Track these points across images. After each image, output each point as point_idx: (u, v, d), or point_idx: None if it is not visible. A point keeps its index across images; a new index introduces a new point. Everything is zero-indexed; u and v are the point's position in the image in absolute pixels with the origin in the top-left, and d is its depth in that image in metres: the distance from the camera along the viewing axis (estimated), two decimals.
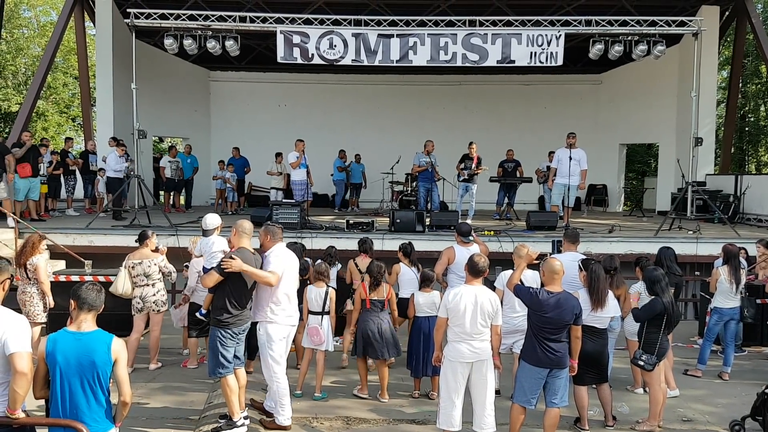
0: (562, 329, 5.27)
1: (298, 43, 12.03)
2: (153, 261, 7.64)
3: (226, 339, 5.59)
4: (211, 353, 5.67)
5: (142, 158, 12.97)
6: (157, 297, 7.65)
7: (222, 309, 5.57)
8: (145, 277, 7.57)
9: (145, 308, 7.60)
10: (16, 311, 3.88)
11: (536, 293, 5.33)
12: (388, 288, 6.85)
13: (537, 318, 5.30)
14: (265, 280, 5.54)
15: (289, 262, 5.89)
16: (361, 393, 6.85)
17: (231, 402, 5.64)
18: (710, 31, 14.99)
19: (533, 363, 5.31)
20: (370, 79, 19.51)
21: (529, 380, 5.34)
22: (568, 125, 15.31)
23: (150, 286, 7.61)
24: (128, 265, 7.57)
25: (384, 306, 6.80)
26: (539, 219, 11.84)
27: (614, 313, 6.04)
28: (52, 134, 29.88)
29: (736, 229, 11.81)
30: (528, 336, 5.44)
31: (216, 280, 5.51)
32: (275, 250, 5.81)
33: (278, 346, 5.81)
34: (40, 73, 15.87)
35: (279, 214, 11.24)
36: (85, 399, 3.69)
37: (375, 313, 6.74)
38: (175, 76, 19.02)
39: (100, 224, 11.67)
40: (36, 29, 30.93)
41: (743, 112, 27.64)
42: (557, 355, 5.26)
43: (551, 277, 5.34)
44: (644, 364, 5.90)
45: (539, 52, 12.03)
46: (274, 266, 5.65)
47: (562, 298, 5.26)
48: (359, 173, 17.40)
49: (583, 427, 6.03)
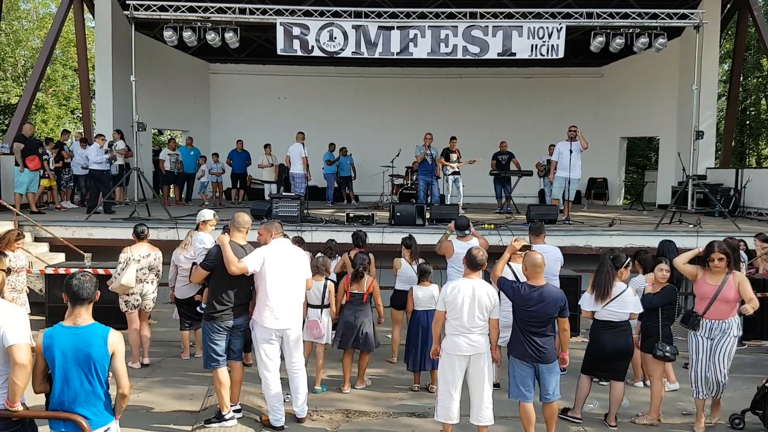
0: (546, 323, 5.23)
1: (298, 35, 11.97)
2: (157, 254, 7.57)
3: (213, 332, 5.60)
4: (203, 346, 5.78)
5: (141, 151, 12.95)
6: (155, 294, 7.64)
7: (209, 303, 5.65)
8: (148, 270, 7.46)
9: (142, 305, 7.47)
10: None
11: (519, 287, 5.29)
12: (370, 281, 6.84)
13: (521, 312, 5.28)
14: (228, 263, 5.39)
15: (279, 260, 5.65)
16: (343, 389, 6.83)
17: (220, 395, 5.68)
18: (712, 24, 14.92)
19: (519, 357, 5.30)
20: (371, 72, 19.47)
21: (518, 374, 5.33)
22: (569, 118, 15.26)
23: (149, 282, 7.52)
24: (134, 258, 7.32)
25: (364, 299, 6.79)
26: (539, 212, 11.82)
27: (633, 309, 5.87)
28: (51, 126, 29.86)
29: (737, 223, 11.80)
30: (514, 330, 5.41)
31: (202, 275, 5.58)
32: (268, 245, 5.74)
33: (266, 347, 5.68)
34: (40, 65, 15.84)
35: (279, 208, 11.21)
36: (84, 392, 3.69)
37: (353, 306, 6.76)
38: (175, 68, 18.98)
39: (100, 217, 11.65)
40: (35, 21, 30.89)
41: (744, 106, 27.62)
42: (542, 350, 5.20)
43: (533, 270, 5.28)
44: (670, 354, 5.95)
45: (540, 45, 11.97)
46: (248, 257, 5.53)
47: (545, 291, 5.21)
48: (347, 166, 17.55)
49: (574, 417, 6.03)
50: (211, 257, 5.60)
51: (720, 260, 5.72)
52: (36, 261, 9.88)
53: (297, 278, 5.80)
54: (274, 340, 5.71)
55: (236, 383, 5.88)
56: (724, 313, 5.75)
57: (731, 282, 5.72)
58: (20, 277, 7.38)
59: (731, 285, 5.71)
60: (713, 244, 5.84)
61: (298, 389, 5.91)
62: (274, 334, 5.68)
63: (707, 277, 5.83)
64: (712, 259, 5.73)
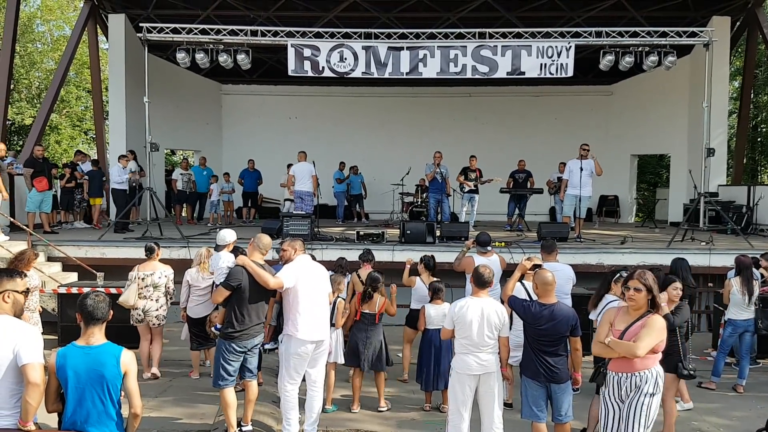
0: (558, 342, 5.17)
1: (309, 56, 12.11)
2: (163, 272, 7.78)
3: (228, 352, 5.62)
4: (215, 364, 5.78)
5: (154, 171, 13.07)
6: (159, 312, 7.76)
7: (228, 322, 5.66)
8: (152, 288, 7.66)
9: (146, 320, 7.71)
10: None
11: (529, 306, 5.25)
12: (382, 301, 6.84)
13: (532, 331, 5.22)
14: (264, 279, 5.50)
15: (309, 275, 5.77)
16: (353, 408, 6.81)
17: (227, 415, 5.69)
18: (721, 42, 14.95)
19: (531, 376, 5.24)
20: (381, 92, 19.63)
21: (531, 394, 5.27)
22: (579, 136, 15.29)
23: (154, 300, 7.69)
24: (138, 276, 7.67)
25: (376, 320, 6.79)
26: (550, 230, 11.78)
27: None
28: (65, 147, 30.17)
29: (750, 240, 11.72)
30: (525, 349, 5.36)
31: (224, 295, 5.57)
32: (295, 261, 5.83)
33: (294, 360, 5.72)
34: (54, 86, 16.07)
35: (289, 226, 11.26)
36: (96, 412, 3.70)
37: (364, 325, 6.76)
38: (187, 89, 19.19)
39: (112, 237, 11.74)
40: (49, 43, 31.30)
41: (755, 123, 27.51)
42: (554, 369, 5.13)
43: (544, 289, 5.23)
44: (693, 373, 5.89)
45: (549, 64, 12.02)
46: (283, 273, 5.65)
47: (556, 310, 5.15)
48: (358, 184, 17.64)
49: None
50: (234, 278, 5.59)
51: (637, 291, 4.49)
52: (49, 280, 9.94)
53: (324, 292, 5.93)
54: (306, 354, 5.73)
55: (250, 403, 5.88)
56: (635, 363, 4.46)
57: (639, 325, 4.47)
58: (34, 297, 7.41)
59: (639, 328, 4.46)
60: (634, 273, 4.64)
61: (313, 407, 5.90)
62: (310, 347, 5.72)
63: (623, 317, 4.59)
64: (628, 288, 4.55)
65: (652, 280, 4.52)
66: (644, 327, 4.41)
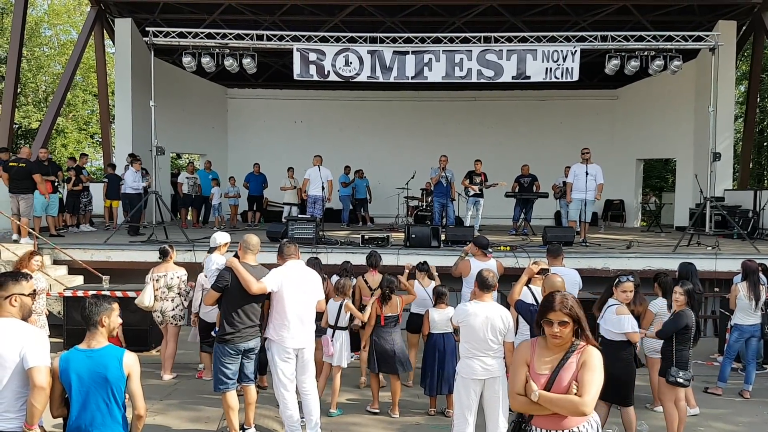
0: None
1: (315, 60, 12.14)
2: (176, 273, 7.96)
3: (224, 355, 5.62)
4: (213, 369, 5.82)
5: (160, 174, 13.11)
6: (175, 312, 7.93)
7: (221, 325, 5.67)
8: (167, 289, 7.85)
9: (165, 321, 7.91)
10: None
11: (536, 310, 5.24)
12: (400, 300, 6.88)
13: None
14: (247, 282, 5.45)
15: (295, 280, 5.71)
16: (372, 408, 6.85)
17: (229, 419, 5.72)
18: (727, 46, 14.91)
19: None
20: (386, 95, 19.64)
21: None
22: (584, 140, 15.27)
23: (169, 300, 7.87)
24: (153, 278, 7.86)
25: (398, 321, 6.82)
26: (556, 234, 11.76)
27: (612, 328, 5.68)
28: (71, 151, 30.29)
29: (756, 245, 11.67)
30: None
31: (213, 296, 5.60)
32: (283, 265, 5.80)
33: (283, 366, 5.70)
34: (60, 90, 16.16)
35: (294, 230, 11.27)
36: (101, 415, 3.71)
37: (388, 330, 6.76)
38: (193, 93, 19.26)
39: (118, 240, 11.77)
40: (56, 47, 31.48)
41: (761, 127, 27.42)
42: None
43: None
44: (683, 380, 5.81)
45: (555, 68, 12.02)
46: (267, 278, 5.59)
47: None
48: (363, 188, 17.68)
49: None
50: (222, 279, 5.61)
51: (562, 326, 3.26)
52: (55, 283, 9.98)
53: (311, 299, 5.85)
54: (290, 359, 5.72)
55: (249, 406, 5.90)
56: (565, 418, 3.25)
57: (573, 364, 3.27)
58: (40, 300, 7.46)
59: (572, 368, 3.26)
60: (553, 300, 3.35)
61: (311, 412, 5.89)
62: (292, 353, 5.71)
63: (543, 353, 3.35)
64: (550, 322, 3.28)
65: (577, 305, 3.33)
66: (583, 368, 3.23)
